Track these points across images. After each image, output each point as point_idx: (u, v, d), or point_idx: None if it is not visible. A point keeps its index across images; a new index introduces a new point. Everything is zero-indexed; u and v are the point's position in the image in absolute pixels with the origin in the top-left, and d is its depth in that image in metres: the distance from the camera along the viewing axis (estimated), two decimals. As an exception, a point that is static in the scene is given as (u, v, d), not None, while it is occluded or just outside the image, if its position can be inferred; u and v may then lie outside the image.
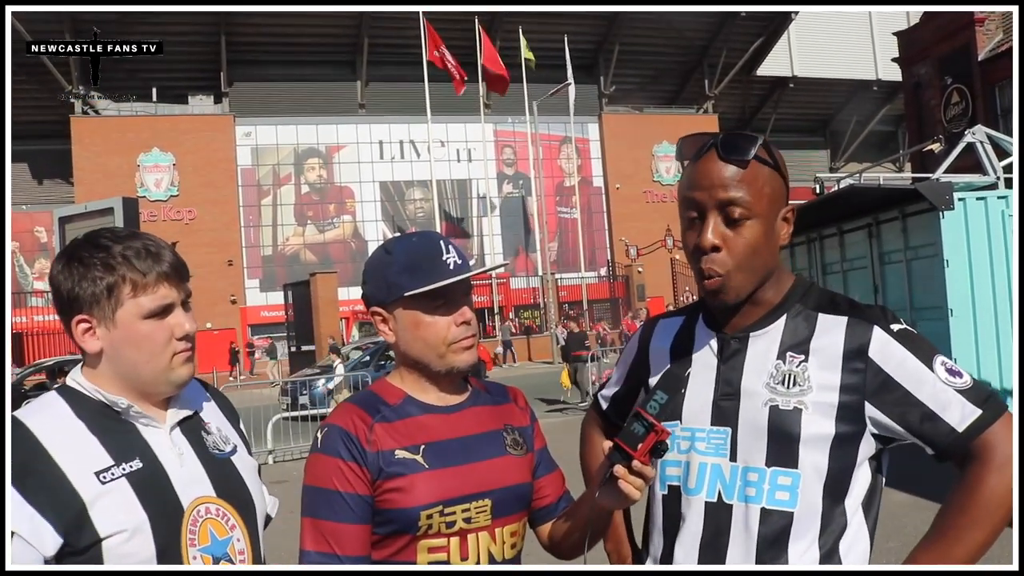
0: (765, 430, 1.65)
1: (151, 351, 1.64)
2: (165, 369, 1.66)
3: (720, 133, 1.70)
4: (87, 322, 1.63)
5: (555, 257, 44.87)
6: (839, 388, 1.63)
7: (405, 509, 1.69)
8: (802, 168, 44.43)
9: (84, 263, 1.62)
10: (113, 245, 1.63)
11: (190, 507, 1.62)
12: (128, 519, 1.54)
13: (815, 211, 12.69)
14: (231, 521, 1.69)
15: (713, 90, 49.83)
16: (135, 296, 1.62)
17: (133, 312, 1.62)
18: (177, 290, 1.67)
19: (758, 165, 1.66)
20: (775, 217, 1.69)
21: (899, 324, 1.67)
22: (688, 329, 1.85)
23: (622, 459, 1.55)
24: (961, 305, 10.36)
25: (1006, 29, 26.58)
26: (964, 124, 23.33)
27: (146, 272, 1.62)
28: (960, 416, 1.60)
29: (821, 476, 1.63)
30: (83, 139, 39.63)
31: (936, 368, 1.63)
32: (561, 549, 1.91)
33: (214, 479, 1.69)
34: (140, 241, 1.66)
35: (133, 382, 1.65)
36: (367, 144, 44.66)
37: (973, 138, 13.48)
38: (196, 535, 1.62)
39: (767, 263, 1.69)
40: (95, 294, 1.61)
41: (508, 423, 1.89)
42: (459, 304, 1.79)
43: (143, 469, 1.59)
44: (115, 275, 1.61)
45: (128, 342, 1.63)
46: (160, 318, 1.65)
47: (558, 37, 41.25)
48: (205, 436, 1.75)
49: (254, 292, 42.55)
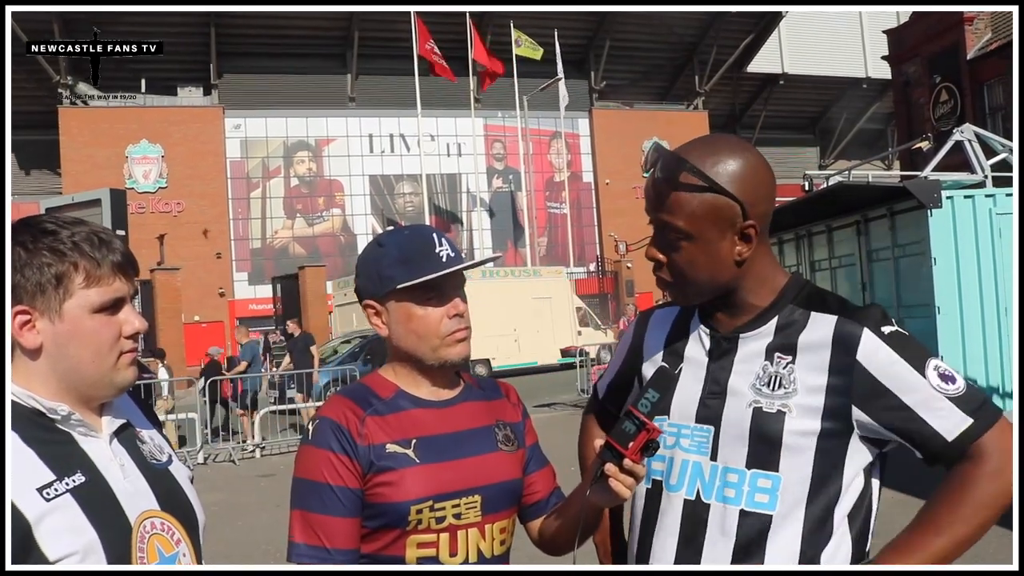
0: (747, 431, 1.64)
1: (97, 349, 1.48)
2: (110, 370, 1.51)
3: (665, 153, 1.67)
4: (27, 314, 1.45)
5: (544, 252, 44.92)
6: (825, 391, 1.62)
7: (395, 503, 1.68)
8: (792, 165, 44.64)
9: (28, 248, 1.45)
10: (60, 230, 1.47)
11: (136, 522, 1.48)
12: (78, 540, 1.38)
13: (804, 208, 12.73)
14: (176, 535, 1.56)
15: (703, 87, 49.91)
16: (87, 287, 1.46)
17: (82, 304, 1.46)
18: (128, 284, 1.53)
19: (689, 189, 1.62)
20: (717, 237, 1.64)
21: (891, 326, 1.63)
22: (683, 322, 1.84)
23: (613, 457, 1.54)
24: (948, 303, 10.41)
25: (994, 28, 26.68)
26: (953, 122, 23.42)
27: (100, 261, 1.47)
28: (951, 424, 1.57)
29: (804, 481, 1.61)
30: (71, 130, 39.45)
31: (928, 373, 1.59)
32: (551, 545, 1.90)
33: (157, 491, 1.56)
34: (87, 227, 1.50)
35: (73, 383, 1.49)
36: (357, 137, 44.57)
37: (961, 136, 13.54)
38: (145, 552, 1.48)
39: (712, 279, 1.67)
40: (40, 283, 1.44)
41: (500, 419, 1.89)
42: (451, 297, 1.79)
43: (87, 483, 1.43)
44: (65, 263, 1.45)
45: (74, 338, 1.47)
46: (110, 313, 1.50)
47: (548, 32, 41.24)
48: (141, 445, 1.60)
49: (242, 285, 42.45)
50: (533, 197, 43.02)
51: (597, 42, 46.81)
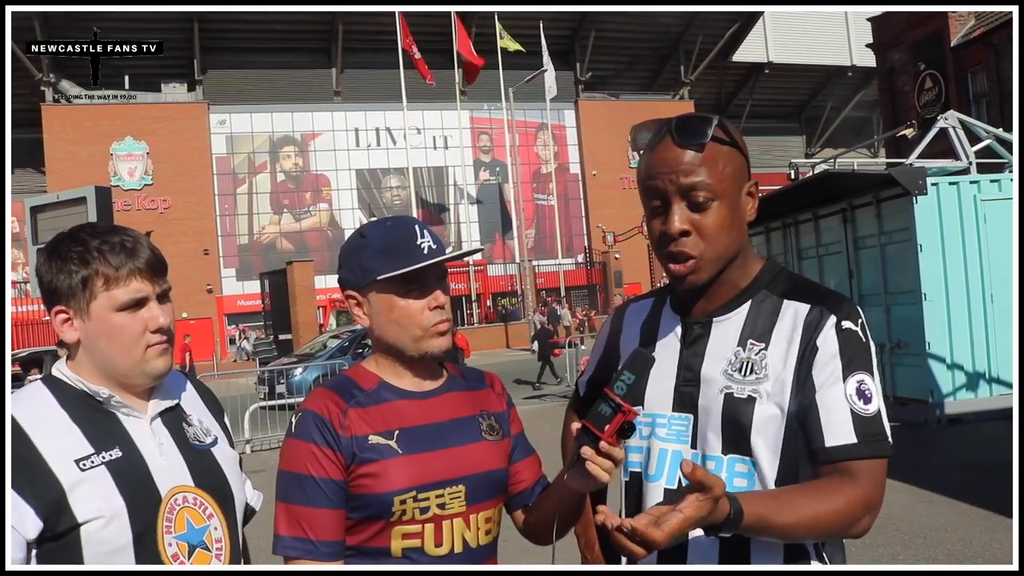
0: (720, 418, 1.65)
1: (124, 343, 1.68)
2: (139, 361, 1.70)
3: (673, 118, 1.67)
4: (65, 313, 1.70)
5: (532, 244, 44.91)
6: (792, 376, 1.63)
7: (378, 494, 1.69)
8: (778, 154, 44.76)
9: (63, 256, 1.68)
10: (91, 240, 1.69)
11: (167, 496, 1.67)
12: (105, 505, 1.58)
13: (790, 196, 12.76)
14: (208, 510, 1.73)
15: (689, 76, 49.95)
16: (107, 289, 1.67)
17: (106, 304, 1.67)
18: (152, 284, 1.72)
19: (716, 145, 1.64)
20: (739, 194, 1.68)
21: (851, 323, 1.64)
22: (655, 313, 1.85)
23: (590, 441, 1.54)
24: (934, 289, 10.47)
25: (977, 16, 26.76)
26: (937, 109, 23.48)
27: (119, 267, 1.67)
28: (836, 433, 1.59)
29: (774, 465, 1.63)
30: (54, 128, 39.22)
31: (848, 383, 1.61)
32: (536, 535, 1.91)
33: (193, 469, 1.73)
34: (118, 236, 1.71)
35: (109, 372, 1.70)
36: (343, 132, 44.45)
37: (945, 123, 13.57)
38: (172, 523, 1.66)
39: (737, 240, 1.69)
40: (71, 286, 1.67)
41: (484, 409, 1.89)
42: (433, 288, 1.79)
43: (122, 458, 1.64)
44: (89, 269, 1.66)
45: (102, 334, 1.68)
46: (134, 311, 1.69)
47: (534, 24, 41.17)
48: (186, 427, 1.79)
49: (230, 281, 42.31)
50: (520, 189, 42.99)
51: (582, 33, 46.77)
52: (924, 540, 6.11)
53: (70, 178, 33.98)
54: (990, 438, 9.23)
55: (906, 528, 6.34)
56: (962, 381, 10.50)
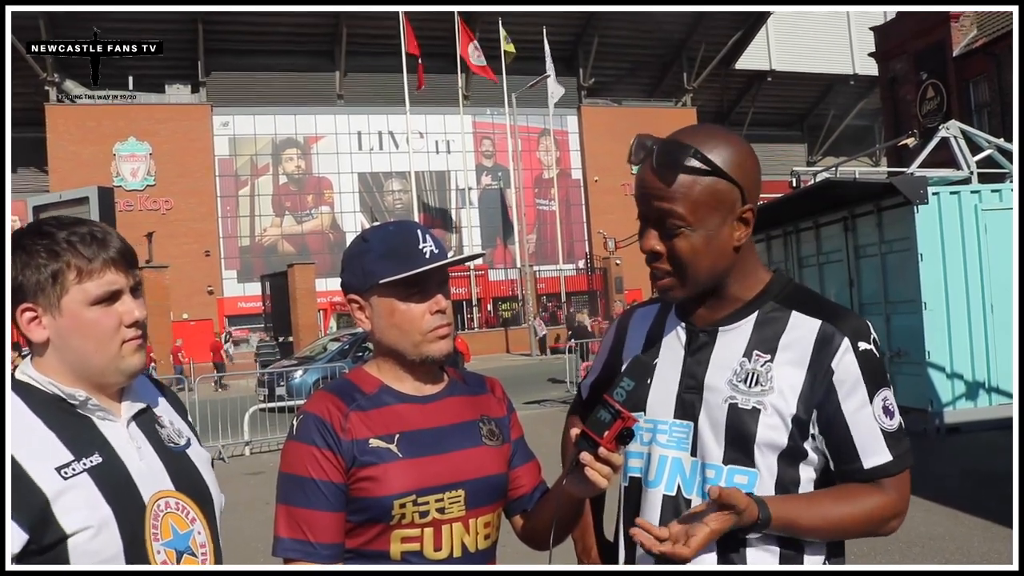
0: (723, 427, 1.65)
1: (99, 339, 1.59)
2: (115, 357, 1.61)
3: (658, 143, 1.65)
4: (32, 311, 1.58)
5: (533, 249, 44.90)
6: (800, 391, 1.64)
7: (378, 498, 1.69)
8: (780, 161, 44.67)
9: (28, 251, 1.57)
10: (57, 231, 1.58)
11: (151, 501, 1.59)
12: (93, 514, 1.50)
13: (792, 204, 12.76)
14: (191, 514, 1.66)
15: (691, 83, 49.97)
16: (80, 282, 1.57)
17: (79, 299, 1.57)
18: (125, 276, 1.62)
19: (692, 176, 1.61)
20: (719, 223, 1.64)
21: (866, 343, 1.65)
22: (661, 318, 1.85)
23: (589, 446, 1.54)
24: (935, 298, 10.46)
25: (980, 26, 26.81)
26: (939, 119, 23.52)
27: (92, 258, 1.57)
28: (872, 453, 1.64)
29: (774, 476, 1.64)
30: (58, 127, 39.24)
31: (875, 402, 1.65)
32: (534, 540, 1.92)
33: (172, 472, 1.66)
34: (86, 227, 1.61)
35: (83, 372, 1.60)
36: (345, 135, 44.48)
37: (947, 133, 13.57)
38: (159, 529, 1.59)
39: (713, 266, 1.66)
40: (39, 282, 1.56)
41: (485, 414, 1.89)
42: (434, 293, 1.79)
43: (104, 463, 1.55)
44: (59, 261, 1.56)
45: (75, 330, 1.58)
46: (108, 304, 1.59)
47: (537, 30, 41.20)
48: (159, 429, 1.71)
49: (231, 283, 42.32)
50: (522, 194, 43.01)
51: (585, 39, 46.81)
52: (922, 549, 6.11)
53: (72, 178, 34.00)
54: (990, 448, 9.21)
55: (904, 537, 6.33)
56: (962, 390, 10.49)
